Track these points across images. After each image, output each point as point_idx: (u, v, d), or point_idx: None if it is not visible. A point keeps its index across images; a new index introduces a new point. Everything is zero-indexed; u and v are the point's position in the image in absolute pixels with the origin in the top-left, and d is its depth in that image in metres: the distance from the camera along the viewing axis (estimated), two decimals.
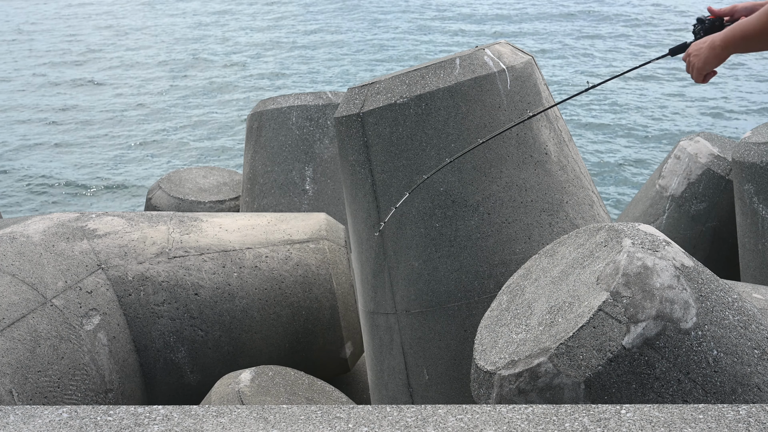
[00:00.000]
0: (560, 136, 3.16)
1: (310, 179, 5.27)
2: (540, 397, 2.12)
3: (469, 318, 2.96)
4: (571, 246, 2.56)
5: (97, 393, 3.35)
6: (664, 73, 17.20)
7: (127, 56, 23.12)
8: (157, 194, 6.50)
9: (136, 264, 3.67)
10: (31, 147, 15.92)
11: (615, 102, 15.83)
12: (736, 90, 15.90)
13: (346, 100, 3.14)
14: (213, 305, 3.71)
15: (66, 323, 3.30)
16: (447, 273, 2.97)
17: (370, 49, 21.78)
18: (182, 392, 3.74)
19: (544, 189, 3.00)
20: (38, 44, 25.48)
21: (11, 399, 2.94)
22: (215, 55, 22.42)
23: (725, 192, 4.97)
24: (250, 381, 3.28)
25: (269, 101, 5.54)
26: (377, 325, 3.19)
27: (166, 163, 14.59)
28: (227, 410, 1.93)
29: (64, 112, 18.07)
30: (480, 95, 2.95)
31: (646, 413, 1.79)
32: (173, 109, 17.82)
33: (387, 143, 2.98)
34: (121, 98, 18.92)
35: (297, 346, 3.92)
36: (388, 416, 1.86)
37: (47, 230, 3.60)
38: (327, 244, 4.01)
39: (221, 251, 3.81)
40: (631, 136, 14.15)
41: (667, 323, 2.08)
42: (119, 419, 1.91)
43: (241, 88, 19.14)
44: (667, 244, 2.25)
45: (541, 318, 2.31)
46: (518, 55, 3.15)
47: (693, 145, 5.20)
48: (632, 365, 2.06)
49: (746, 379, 2.13)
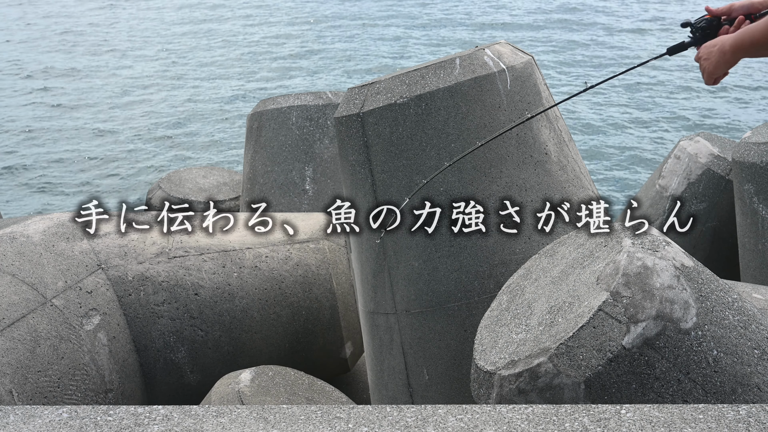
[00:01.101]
0: (560, 136, 3.16)
1: (310, 179, 5.27)
2: (540, 397, 2.12)
3: (469, 318, 2.96)
4: (571, 246, 2.56)
5: (97, 393, 3.35)
6: (665, 72, 17.20)
7: (127, 56, 23.12)
8: (157, 194, 6.50)
9: (136, 264, 3.67)
10: (30, 147, 15.92)
11: (615, 101, 15.84)
12: (737, 90, 15.90)
13: (346, 100, 3.14)
14: (213, 305, 3.71)
15: (66, 323, 3.30)
16: (447, 273, 2.97)
17: (370, 48, 21.78)
18: (182, 392, 3.74)
19: (544, 189, 3.00)
20: (39, 40, 25.50)
21: (11, 399, 2.94)
22: (215, 55, 22.43)
23: (725, 192, 4.97)
24: (250, 381, 3.28)
25: (269, 101, 5.54)
26: (377, 325, 3.19)
27: (166, 163, 14.59)
28: (227, 410, 1.93)
29: (63, 111, 18.07)
30: (480, 95, 2.95)
31: (646, 413, 1.79)
32: (173, 109, 17.82)
33: (387, 143, 2.98)
34: (120, 98, 18.91)
35: (297, 346, 3.92)
36: (388, 416, 1.86)
37: (47, 230, 3.60)
38: (327, 244, 4.01)
39: (221, 251, 3.81)
40: (630, 136, 14.15)
41: (667, 323, 2.08)
42: (119, 419, 1.91)
43: (240, 88, 19.14)
44: (667, 244, 2.25)
45: (541, 318, 2.31)
46: (518, 55, 3.15)
47: (693, 145, 5.20)
48: (632, 365, 2.06)
49: (746, 379, 2.13)
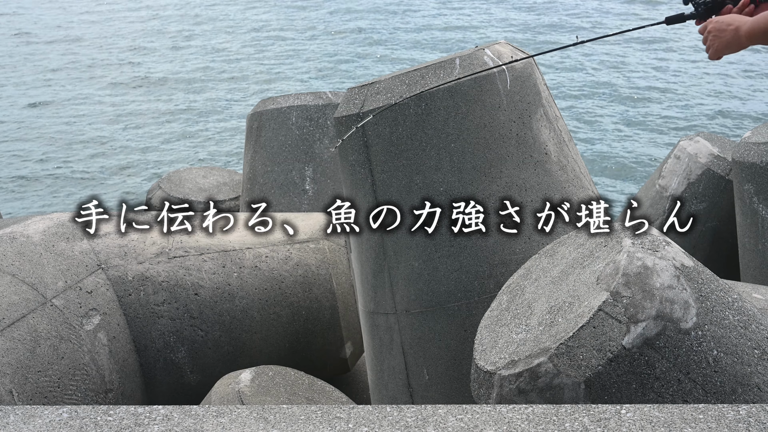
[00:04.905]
0: (560, 136, 3.16)
1: (310, 179, 5.27)
2: (540, 397, 2.12)
3: (469, 318, 2.96)
4: (571, 246, 2.56)
5: (97, 393, 3.35)
6: (665, 72, 17.20)
7: (124, 54, 23.11)
8: (157, 194, 6.50)
9: (136, 264, 3.67)
10: (29, 146, 15.92)
11: (614, 102, 15.83)
12: (737, 90, 15.90)
13: (346, 100, 3.14)
14: (213, 305, 3.71)
15: (66, 323, 3.30)
16: (447, 273, 2.97)
17: (370, 49, 21.78)
18: (182, 392, 3.74)
19: (544, 189, 3.00)
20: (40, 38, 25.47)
21: (11, 399, 2.94)
22: (216, 55, 22.42)
23: (725, 192, 4.96)
24: (250, 381, 3.28)
25: (269, 101, 5.54)
26: (377, 325, 3.19)
27: (165, 162, 14.59)
28: (227, 410, 1.93)
29: (62, 111, 18.06)
30: (480, 95, 2.95)
31: (646, 413, 1.79)
32: (173, 110, 17.82)
33: (387, 143, 2.98)
34: (120, 99, 18.91)
35: (297, 346, 3.92)
36: (388, 416, 1.86)
37: (47, 230, 3.60)
38: (327, 244, 4.01)
39: (221, 251, 3.81)
40: (630, 135, 14.15)
41: (667, 323, 2.08)
42: (119, 419, 1.91)
43: (241, 88, 19.14)
44: (667, 244, 2.25)
45: (541, 318, 2.31)
46: (518, 54, 3.15)
47: (693, 145, 5.20)
48: (632, 365, 2.06)
49: (746, 379, 2.13)
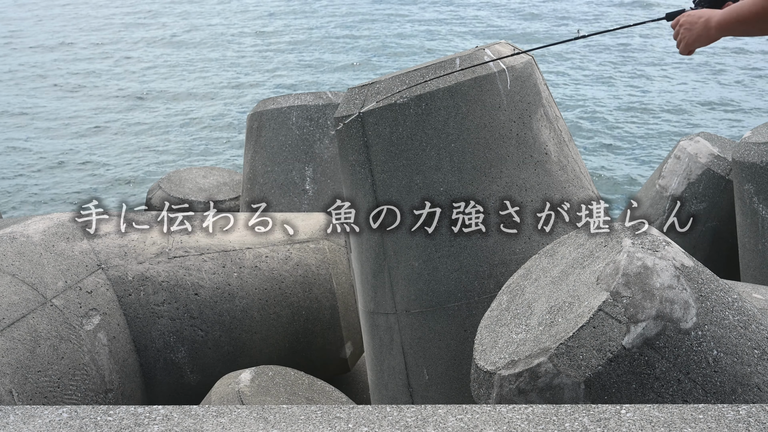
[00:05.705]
0: (560, 136, 3.16)
1: (310, 179, 5.27)
2: (540, 397, 2.12)
3: (469, 318, 2.96)
4: (571, 246, 2.56)
5: (97, 393, 3.35)
6: (664, 71, 17.20)
7: (123, 54, 23.11)
8: (157, 194, 6.50)
9: (136, 264, 3.67)
10: (29, 146, 15.92)
11: (614, 100, 15.84)
12: (737, 89, 15.90)
13: (346, 100, 3.14)
14: (213, 305, 3.71)
15: (66, 323, 3.30)
16: (447, 273, 2.97)
17: (370, 49, 21.79)
18: (182, 392, 3.74)
19: (544, 189, 3.00)
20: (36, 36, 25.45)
21: (11, 399, 2.94)
22: (216, 53, 22.42)
23: (725, 192, 4.96)
24: (250, 381, 3.28)
25: (269, 101, 5.54)
26: (377, 325, 3.19)
27: (166, 162, 14.59)
28: (227, 410, 1.93)
29: (61, 110, 18.06)
30: (480, 95, 2.95)
31: (646, 413, 1.79)
32: (173, 110, 17.82)
33: (387, 143, 2.98)
34: (119, 99, 18.91)
35: (297, 346, 3.92)
36: (388, 416, 1.86)
37: (47, 230, 3.60)
38: (327, 244, 4.01)
39: (221, 251, 3.81)
40: (630, 135, 14.15)
41: (667, 323, 2.08)
42: (119, 419, 1.91)
43: (241, 88, 19.14)
44: (667, 244, 2.25)
45: (541, 318, 2.31)
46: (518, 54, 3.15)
47: (693, 145, 5.20)
48: (632, 365, 2.06)
49: (746, 379, 2.13)
